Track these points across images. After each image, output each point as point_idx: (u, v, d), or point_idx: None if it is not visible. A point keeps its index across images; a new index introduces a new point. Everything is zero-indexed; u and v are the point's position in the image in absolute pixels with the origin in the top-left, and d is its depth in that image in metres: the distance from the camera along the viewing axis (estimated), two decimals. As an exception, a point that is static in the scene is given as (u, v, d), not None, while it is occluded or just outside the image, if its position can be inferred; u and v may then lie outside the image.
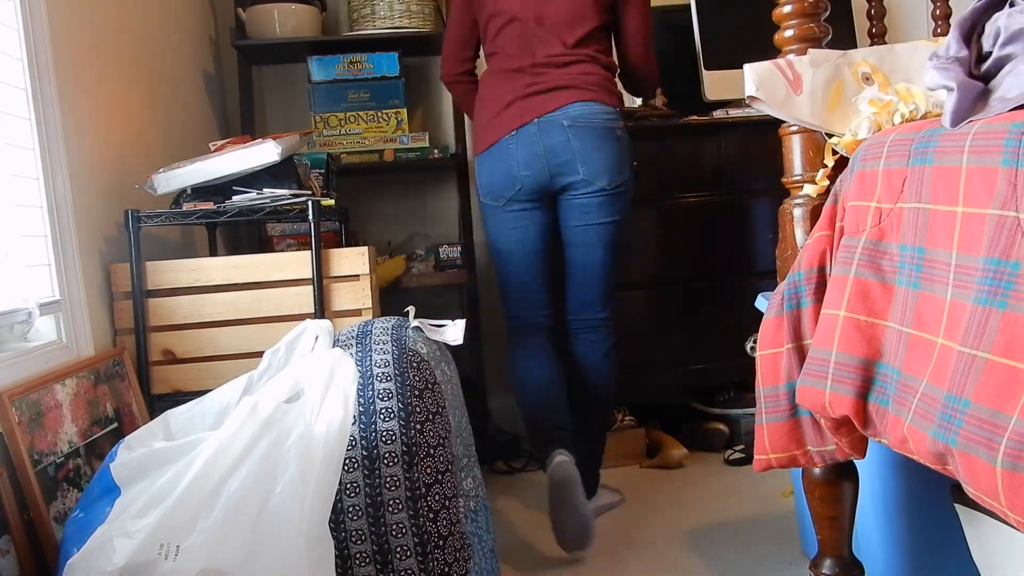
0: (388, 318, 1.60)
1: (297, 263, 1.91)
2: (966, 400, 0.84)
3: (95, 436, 1.61)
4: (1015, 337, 0.81)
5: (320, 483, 1.27)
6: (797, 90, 1.27)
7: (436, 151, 2.76)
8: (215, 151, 1.98)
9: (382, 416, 1.39)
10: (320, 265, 1.88)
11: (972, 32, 1.08)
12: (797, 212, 1.33)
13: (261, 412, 1.29)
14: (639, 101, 2.67)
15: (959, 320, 0.89)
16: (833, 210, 1.19)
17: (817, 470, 1.31)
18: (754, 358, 1.26)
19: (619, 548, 2.00)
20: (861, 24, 2.82)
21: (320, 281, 1.88)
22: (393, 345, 1.48)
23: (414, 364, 1.46)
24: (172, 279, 1.89)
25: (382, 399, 1.41)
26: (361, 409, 1.40)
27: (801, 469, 1.33)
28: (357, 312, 1.92)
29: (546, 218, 2.11)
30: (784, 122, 1.35)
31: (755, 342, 1.26)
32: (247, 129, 2.82)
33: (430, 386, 1.45)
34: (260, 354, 1.59)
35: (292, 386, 1.38)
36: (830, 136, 1.28)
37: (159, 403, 1.83)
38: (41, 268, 1.62)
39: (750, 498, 2.26)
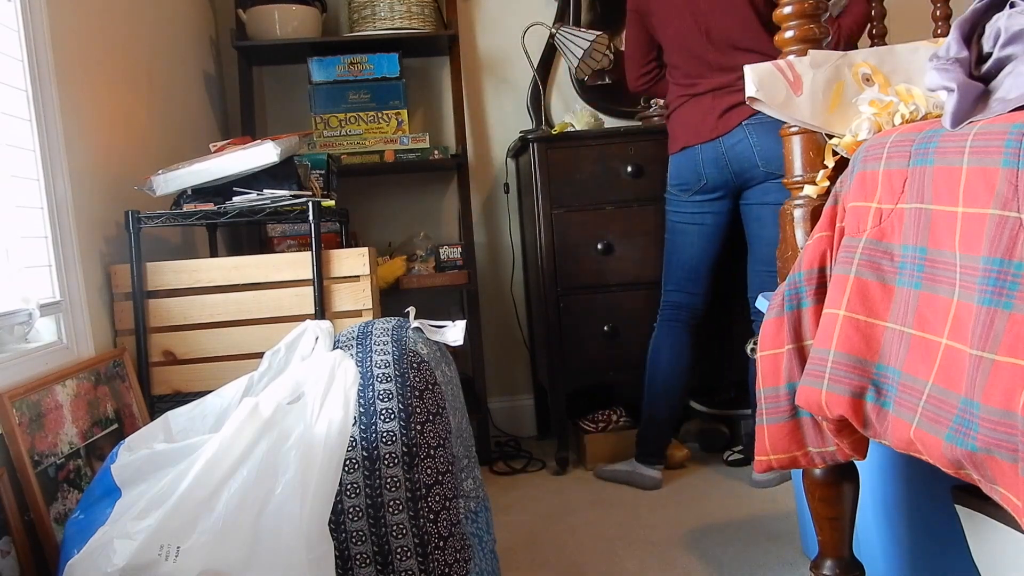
0: (388, 319, 1.60)
1: (297, 264, 1.91)
2: (977, 403, 0.84)
3: (96, 437, 1.61)
4: (1022, 337, 0.80)
5: (320, 484, 1.27)
6: (797, 91, 1.27)
7: (436, 152, 2.76)
8: (215, 152, 1.98)
9: (382, 417, 1.39)
10: (320, 266, 1.88)
11: (972, 33, 1.08)
12: (797, 213, 1.33)
13: (261, 413, 1.29)
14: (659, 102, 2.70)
15: (965, 321, 0.89)
16: (833, 211, 1.19)
17: (818, 471, 1.31)
18: (754, 359, 1.26)
19: (618, 548, 2.00)
20: (861, 25, 2.81)
21: (320, 282, 1.88)
22: (393, 346, 1.48)
23: (414, 365, 1.46)
24: (172, 280, 1.89)
25: (382, 400, 1.40)
26: (361, 410, 1.40)
27: (802, 470, 1.33)
28: (357, 313, 1.92)
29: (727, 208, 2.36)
30: (784, 123, 1.35)
31: (755, 343, 1.26)
32: (247, 130, 2.82)
33: (430, 387, 1.45)
34: (260, 355, 1.59)
35: (292, 387, 1.38)
36: (830, 137, 1.28)
37: (159, 404, 1.83)
38: (41, 269, 1.62)
39: (750, 498, 2.26)
